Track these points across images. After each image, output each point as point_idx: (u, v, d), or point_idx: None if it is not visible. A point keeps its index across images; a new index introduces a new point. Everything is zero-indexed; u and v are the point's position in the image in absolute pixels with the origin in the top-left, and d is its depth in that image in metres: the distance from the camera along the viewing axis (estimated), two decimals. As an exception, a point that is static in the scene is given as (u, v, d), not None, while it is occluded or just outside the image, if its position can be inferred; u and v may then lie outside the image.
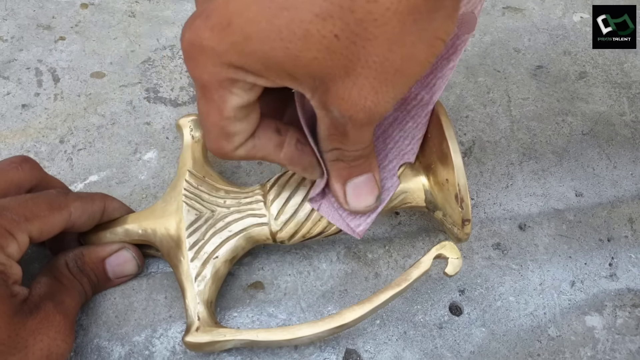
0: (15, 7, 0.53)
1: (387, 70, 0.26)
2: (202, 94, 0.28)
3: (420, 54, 0.26)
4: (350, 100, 0.27)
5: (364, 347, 0.37)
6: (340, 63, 0.25)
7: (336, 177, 0.33)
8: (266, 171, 0.44)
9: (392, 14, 0.24)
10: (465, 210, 0.33)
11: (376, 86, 0.26)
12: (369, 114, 0.27)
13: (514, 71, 0.50)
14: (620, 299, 0.39)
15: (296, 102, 0.32)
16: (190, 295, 0.34)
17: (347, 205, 0.34)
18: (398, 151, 0.35)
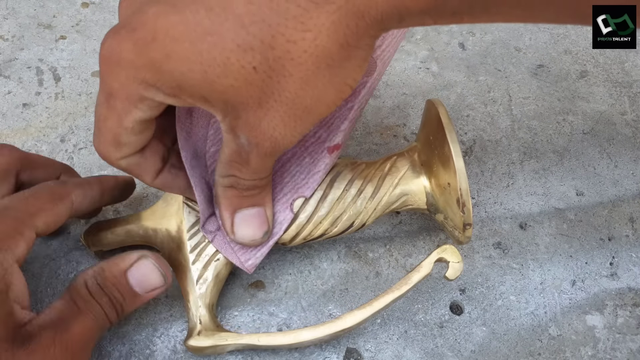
0: (16, 6, 0.53)
1: (297, 107, 0.27)
2: (106, 99, 0.28)
3: (328, 96, 0.28)
4: (260, 129, 0.28)
5: (365, 346, 0.37)
6: (255, 94, 0.27)
7: (226, 205, 0.33)
8: (267, 170, 0.44)
9: (308, 57, 0.26)
10: (466, 214, 0.33)
11: (285, 120, 0.28)
12: (274, 144, 0.29)
13: (514, 70, 0.50)
14: (621, 298, 0.39)
15: (177, 126, 0.33)
16: (192, 298, 0.35)
17: (233, 236, 0.34)
18: (293, 184, 0.35)
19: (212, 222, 0.35)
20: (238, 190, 0.32)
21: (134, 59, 0.26)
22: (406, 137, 0.46)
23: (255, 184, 0.32)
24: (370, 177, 0.36)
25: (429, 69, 0.50)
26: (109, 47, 0.27)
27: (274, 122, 0.28)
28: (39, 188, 0.33)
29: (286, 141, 0.29)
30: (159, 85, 0.27)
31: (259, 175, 0.32)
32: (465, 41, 0.52)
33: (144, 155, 0.31)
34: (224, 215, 0.33)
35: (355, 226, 0.36)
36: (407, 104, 0.48)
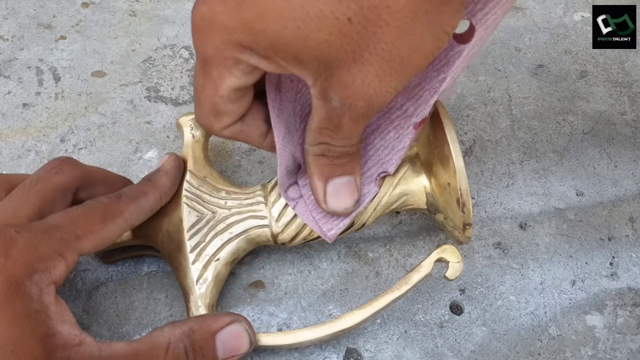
0: (16, 6, 0.53)
1: (393, 59, 0.26)
2: (202, 67, 0.28)
3: (426, 45, 0.26)
4: (354, 87, 0.27)
5: (365, 346, 0.37)
6: (350, 48, 0.25)
7: (318, 174, 0.33)
8: (267, 170, 0.44)
9: (406, 3, 0.24)
10: (466, 214, 0.33)
11: (380, 74, 0.26)
12: (368, 103, 0.28)
13: (514, 70, 0.50)
14: (621, 298, 0.39)
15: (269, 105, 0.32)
16: (192, 298, 0.34)
17: (325, 205, 0.33)
18: (377, 159, 0.35)
19: (294, 189, 0.35)
20: (329, 159, 0.32)
21: (227, 20, 0.26)
22: (406, 137, 0.46)
23: (346, 150, 0.31)
24: (370, 177, 0.36)
25: (429, 69, 0.50)
26: (200, 12, 0.27)
27: (369, 78, 0.26)
28: (93, 205, 0.32)
29: (380, 99, 0.27)
30: (253, 46, 0.26)
31: (350, 142, 0.31)
32: (465, 41, 0.52)
33: (245, 122, 0.31)
34: (317, 184, 0.33)
35: (355, 226, 0.36)
36: (407, 104, 0.48)
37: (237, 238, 0.36)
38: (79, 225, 0.30)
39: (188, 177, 0.37)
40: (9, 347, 0.26)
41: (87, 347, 0.28)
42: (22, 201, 0.31)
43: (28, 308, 0.27)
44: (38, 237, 0.28)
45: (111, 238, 0.32)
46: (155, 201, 0.35)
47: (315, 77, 0.27)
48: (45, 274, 0.28)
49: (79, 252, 0.30)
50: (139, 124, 0.46)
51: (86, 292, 0.38)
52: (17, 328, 0.26)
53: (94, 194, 0.34)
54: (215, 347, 0.30)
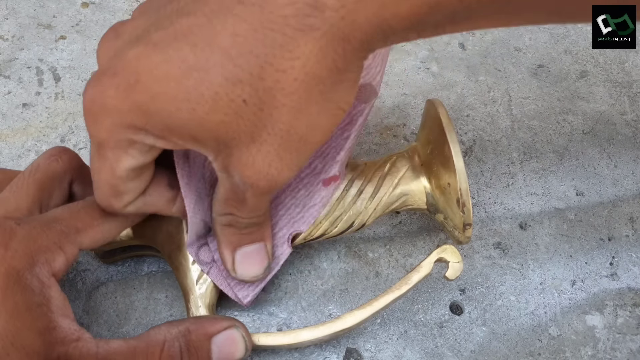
0: (16, 6, 0.53)
1: (292, 138, 0.26)
2: (97, 150, 0.28)
3: (323, 122, 0.27)
4: (254, 167, 0.27)
5: (365, 346, 0.37)
6: (247, 128, 0.26)
7: (226, 243, 0.32)
8: (267, 170, 0.44)
9: (299, 84, 0.25)
10: (466, 214, 0.33)
11: (281, 153, 0.27)
12: (271, 182, 0.27)
13: (514, 70, 0.50)
14: (621, 298, 0.39)
15: (178, 172, 0.31)
16: (192, 298, 0.35)
17: (235, 274, 0.33)
18: (289, 218, 0.35)
19: (205, 252, 0.35)
20: (237, 229, 0.32)
21: (118, 104, 0.25)
22: (406, 137, 0.46)
23: (253, 221, 0.31)
24: (370, 177, 0.36)
25: (429, 69, 0.50)
26: (91, 95, 0.26)
27: (269, 158, 0.27)
28: (94, 200, 0.31)
29: (283, 176, 0.27)
30: (147, 127, 0.26)
31: (256, 213, 0.31)
32: (465, 41, 0.52)
33: (147, 194, 0.31)
34: (225, 253, 0.33)
35: (355, 226, 0.36)
36: (407, 104, 0.48)
37: (237, 238, 0.36)
38: (79, 219, 0.30)
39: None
40: (9, 340, 0.26)
41: (85, 343, 0.28)
42: (22, 193, 0.31)
43: (29, 301, 0.27)
44: (38, 230, 0.28)
45: (111, 233, 0.32)
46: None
47: (215, 154, 0.27)
48: (45, 266, 0.28)
49: (79, 245, 0.30)
50: (139, 124, 0.46)
51: (86, 292, 0.38)
52: (18, 320, 0.26)
53: (88, 192, 0.34)
54: (210, 350, 0.30)
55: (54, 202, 0.33)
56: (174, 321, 0.31)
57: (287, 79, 0.25)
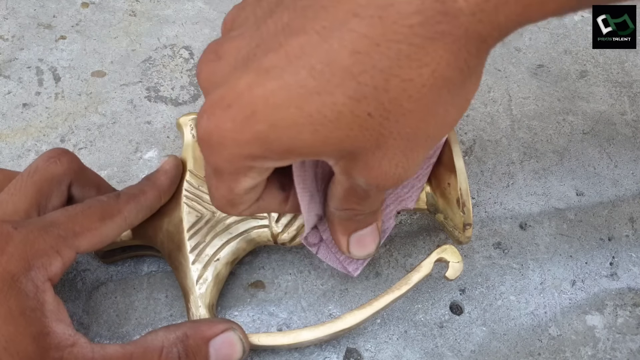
0: (16, 6, 0.53)
1: (419, 138, 0.25)
2: (214, 173, 0.28)
3: (451, 117, 0.26)
4: (380, 169, 0.26)
5: (365, 346, 0.37)
6: (372, 138, 0.25)
7: (342, 231, 0.33)
8: (267, 170, 0.44)
9: (428, 90, 0.24)
10: (466, 214, 0.33)
11: (407, 154, 0.26)
12: (397, 180, 0.27)
13: (514, 70, 0.50)
14: (621, 298, 0.39)
15: (294, 173, 0.31)
16: (192, 298, 0.35)
17: (349, 254, 0.34)
18: (396, 197, 0.35)
19: (313, 234, 0.35)
20: (353, 220, 0.32)
21: (237, 136, 0.24)
22: (406, 137, 0.46)
23: (373, 210, 0.32)
24: (370, 177, 0.36)
25: (429, 69, 0.50)
26: (207, 129, 0.25)
27: (396, 160, 0.26)
28: (91, 204, 0.32)
29: (409, 173, 0.27)
30: (267, 154, 0.25)
31: (377, 206, 0.31)
32: (465, 41, 0.52)
33: (262, 199, 0.31)
34: (340, 239, 0.33)
35: (356, 226, 0.36)
36: (407, 104, 0.48)
37: (237, 238, 0.36)
38: (77, 223, 0.30)
39: (188, 177, 0.37)
40: (2, 345, 0.26)
41: (80, 349, 0.27)
42: (20, 195, 0.31)
43: (23, 305, 0.27)
44: (35, 234, 0.28)
45: (109, 237, 0.32)
46: (154, 200, 0.35)
47: (336, 160, 0.26)
48: (41, 271, 0.28)
49: (76, 249, 0.30)
50: (139, 124, 0.46)
51: (86, 292, 0.38)
52: (11, 325, 0.26)
53: (86, 195, 0.34)
54: (208, 354, 0.30)
55: (52, 204, 0.32)
56: (171, 325, 0.30)
57: (415, 87, 0.23)
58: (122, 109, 0.47)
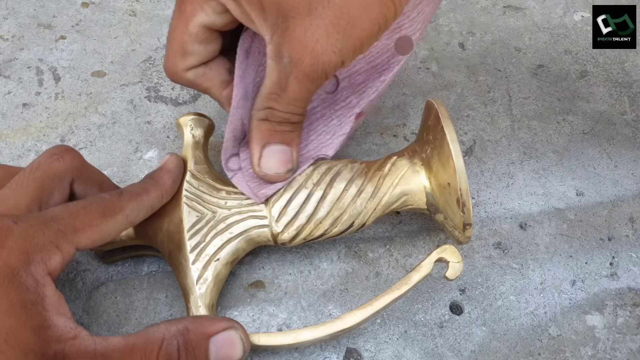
0: (16, 6, 0.53)
1: (343, 17, 0.29)
2: (177, 6, 0.32)
3: (373, 9, 0.29)
4: (304, 40, 0.29)
5: (365, 346, 0.37)
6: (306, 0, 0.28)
7: (257, 139, 0.35)
8: (267, 170, 0.44)
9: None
10: (466, 214, 0.33)
11: (329, 30, 0.29)
12: (314, 60, 0.30)
13: (514, 70, 0.50)
14: (621, 298, 0.39)
15: (236, 65, 0.35)
16: (192, 298, 0.34)
17: (259, 168, 0.35)
18: (318, 142, 0.37)
19: (234, 161, 0.37)
20: (271, 124, 0.34)
21: None
22: (406, 137, 0.46)
23: (288, 117, 0.33)
24: (370, 177, 0.36)
25: (429, 69, 0.50)
26: None
27: (318, 33, 0.29)
28: (93, 200, 0.32)
29: (325, 57, 0.30)
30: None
31: (293, 108, 0.33)
32: (465, 41, 0.52)
33: (209, 67, 0.34)
34: (254, 148, 0.35)
35: (355, 226, 0.36)
36: (407, 104, 0.48)
37: (237, 238, 0.36)
38: (78, 219, 0.30)
39: (188, 177, 0.37)
40: (3, 337, 0.26)
41: (83, 341, 0.27)
42: (22, 190, 0.31)
43: (24, 299, 0.27)
44: (35, 228, 0.28)
45: (110, 234, 0.32)
46: (156, 199, 0.35)
47: (272, 31, 0.30)
48: (40, 265, 0.28)
49: (76, 245, 0.30)
50: (139, 124, 0.46)
51: (86, 292, 0.38)
52: (12, 318, 0.26)
53: (89, 192, 0.35)
54: (208, 350, 0.30)
55: (54, 200, 0.33)
56: (173, 319, 0.30)
57: None
58: (122, 109, 0.47)
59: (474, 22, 0.53)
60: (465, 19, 0.54)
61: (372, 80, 0.37)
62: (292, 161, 0.35)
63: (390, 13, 0.30)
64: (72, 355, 0.27)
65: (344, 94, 0.38)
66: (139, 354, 0.28)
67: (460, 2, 0.55)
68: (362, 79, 0.38)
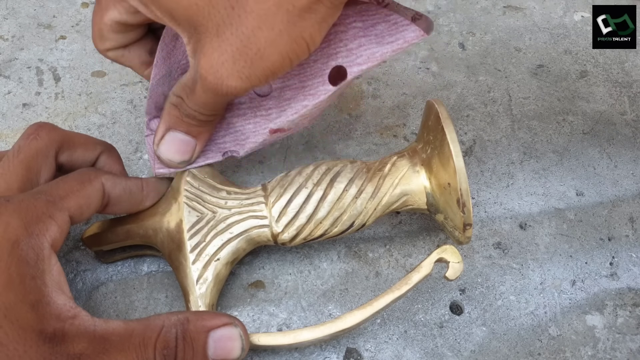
0: (16, 6, 0.53)
1: (250, 46, 0.29)
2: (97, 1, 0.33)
3: (283, 44, 0.29)
4: (210, 59, 0.30)
5: (365, 346, 0.37)
6: (216, 20, 0.29)
7: (165, 120, 0.35)
8: (267, 170, 0.44)
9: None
10: (466, 214, 0.33)
11: (236, 57, 0.29)
12: (217, 81, 0.30)
13: (514, 70, 0.50)
14: (621, 298, 0.39)
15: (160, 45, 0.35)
16: (192, 298, 0.34)
17: (156, 148, 0.36)
18: (234, 138, 0.37)
19: (155, 123, 0.37)
20: (179, 112, 0.34)
21: None
22: (406, 137, 0.46)
23: (195, 115, 0.34)
24: (370, 177, 0.36)
25: (429, 69, 0.50)
26: None
27: (224, 57, 0.29)
28: (69, 173, 0.33)
29: (230, 82, 0.30)
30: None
31: (200, 110, 0.34)
32: (465, 41, 0.52)
33: (128, 49, 0.35)
34: (160, 127, 0.36)
35: (356, 226, 0.36)
36: (407, 104, 0.48)
37: (237, 238, 0.36)
38: (60, 188, 0.31)
39: (188, 178, 0.37)
40: (2, 312, 0.26)
41: (82, 321, 0.27)
42: (10, 174, 0.33)
43: (23, 273, 0.27)
44: (26, 202, 0.29)
45: (92, 199, 0.32)
46: (135, 185, 0.36)
47: (189, 36, 0.30)
48: (40, 238, 0.28)
49: (68, 210, 0.30)
50: (139, 124, 0.46)
51: (86, 292, 0.38)
52: (11, 292, 0.26)
53: (74, 157, 0.36)
54: (206, 344, 0.30)
55: (43, 178, 0.34)
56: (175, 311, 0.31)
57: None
58: (122, 109, 0.47)
59: (474, 22, 0.53)
60: (465, 19, 0.54)
61: (296, 101, 0.36)
62: (191, 153, 0.36)
63: (302, 49, 0.30)
64: (71, 334, 0.27)
65: (269, 104, 0.37)
66: (137, 339, 0.28)
67: (460, 2, 0.55)
68: (290, 96, 0.36)
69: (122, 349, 0.27)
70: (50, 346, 0.26)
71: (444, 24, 0.53)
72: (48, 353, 0.26)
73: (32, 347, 0.26)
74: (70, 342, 0.27)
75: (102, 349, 0.27)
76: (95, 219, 0.40)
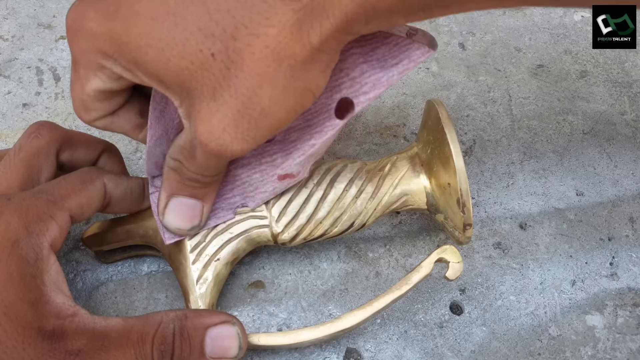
0: (16, 6, 0.53)
1: (253, 107, 0.26)
2: (73, 65, 0.30)
3: (288, 100, 0.27)
4: (209, 126, 0.27)
5: (365, 346, 0.37)
6: (211, 83, 0.26)
7: (166, 186, 0.33)
8: (267, 170, 0.44)
9: (269, 52, 0.25)
10: (467, 214, 0.33)
11: (238, 120, 0.27)
12: (221, 148, 0.27)
13: (514, 70, 0.50)
14: (621, 298, 0.39)
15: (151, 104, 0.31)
16: (192, 298, 0.34)
17: (162, 218, 0.33)
18: (242, 191, 0.35)
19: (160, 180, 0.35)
20: (180, 176, 0.32)
21: (95, 27, 0.27)
22: (406, 137, 0.46)
23: (197, 178, 0.31)
24: (370, 177, 0.36)
25: (429, 69, 0.50)
26: (73, 14, 0.28)
27: (226, 121, 0.27)
28: (71, 173, 0.33)
29: (235, 146, 0.27)
30: (116, 56, 0.27)
31: (202, 172, 0.31)
32: (465, 41, 0.52)
33: (117, 115, 0.32)
34: (161, 195, 0.33)
35: (356, 226, 0.36)
36: (407, 104, 0.48)
37: (238, 238, 0.36)
38: (61, 188, 0.31)
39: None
40: (2, 310, 0.26)
41: (82, 319, 0.28)
42: (11, 173, 0.32)
43: (23, 271, 0.27)
44: (27, 202, 0.29)
45: (94, 198, 0.32)
46: (137, 184, 0.35)
47: (180, 100, 0.28)
48: (40, 237, 0.28)
49: (68, 210, 0.30)
50: (139, 124, 0.46)
51: (86, 292, 0.38)
52: (11, 291, 0.27)
53: (75, 156, 0.35)
54: (204, 340, 0.30)
55: (44, 177, 0.33)
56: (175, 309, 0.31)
57: (259, 45, 0.25)
58: (122, 109, 0.47)
59: (474, 22, 0.53)
60: (465, 19, 0.54)
61: (302, 141, 0.33)
62: (200, 216, 0.33)
63: (308, 100, 0.27)
64: (70, 331, 0.27)
65: (273, 149, 0.34)
66: (136, 335, 0.28)
67: (460, 2, 0.55)
68: (295, 137, 0.33)
69: (121, 345, 0.28)
70: (49, 343, 0.27)
71: (444, 24, 0.53)
72: (47, 350, 0.26)
73: (31, 344, 0.26)
74: (69, 339, 0.27)
75: (100, 346, 0.27)
76: (95, 219, 0.40)
